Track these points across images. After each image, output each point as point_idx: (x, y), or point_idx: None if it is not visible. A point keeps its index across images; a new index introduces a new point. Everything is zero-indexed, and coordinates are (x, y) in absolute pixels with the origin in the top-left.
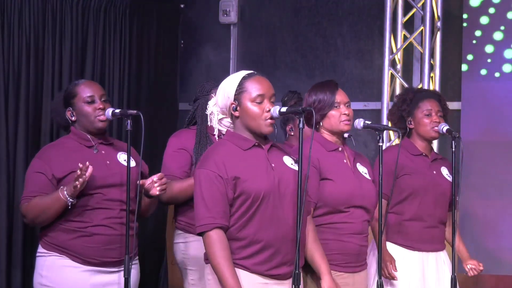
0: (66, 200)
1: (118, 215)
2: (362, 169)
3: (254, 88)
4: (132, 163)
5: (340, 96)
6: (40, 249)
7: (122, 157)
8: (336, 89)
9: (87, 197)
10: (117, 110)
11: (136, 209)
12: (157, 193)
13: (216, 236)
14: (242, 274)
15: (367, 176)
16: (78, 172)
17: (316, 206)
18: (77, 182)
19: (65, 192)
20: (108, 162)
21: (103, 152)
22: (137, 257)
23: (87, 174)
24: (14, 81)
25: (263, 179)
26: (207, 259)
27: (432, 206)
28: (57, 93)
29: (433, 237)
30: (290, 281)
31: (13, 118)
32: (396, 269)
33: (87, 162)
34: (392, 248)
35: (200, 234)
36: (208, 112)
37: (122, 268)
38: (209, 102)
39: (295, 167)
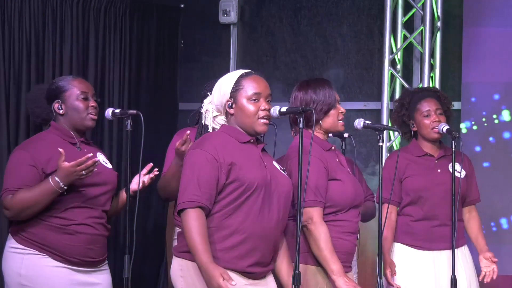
0: (58, 188)
1: (100, 215)
2: (347, 167)
3: (250, 86)
4: (109, 165)
5: (336, 95)
6: (14, 244)
7: (100, 157)
8: (332, 87)
9: (72, 195)
10: (117, 110)
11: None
12: (146, 183)
13: (195, 214)
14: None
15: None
16: (89, 161)
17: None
18: (83, 172)
19: (59, 183)
20: None
21: (85, 150)
22: (106, 261)
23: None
24: (15, 81)
25: (257, 171)
26: (181, 250)
27: (438, 204)
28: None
29: (444, 235)
30: (264, 281)
31: (14, 118)
32: (395, 273)
33: (91, 154)
34: (401, 248)
35: (180, 211)
36: (203, 110)
37: (102, 268)
38: (204, 100)
39: (284, 173)
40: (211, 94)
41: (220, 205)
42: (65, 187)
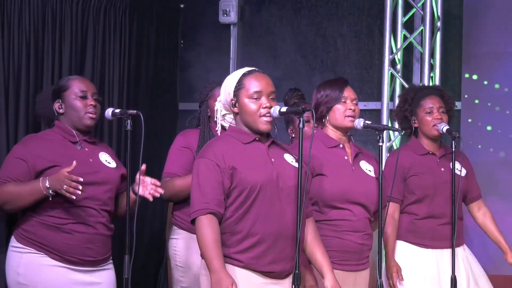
0: (46, 192)
1: (99, 214)
2: (366, 167)
3: (251, 85)
4: (113, 164)
5: (348, 92)
6: (15, 243)
7: (103, 157)
8: (345, 86)
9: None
10: (117, 110)
11: (113, 210)
12: (148, 196)
13: (207, 221)
14: (238, 272)
15: (371, 173)
16: (73, 183)
17: (311, 202)
18: (65, 186)
19: (46, 184)
20: (91, 160)
21: (86, 149)
22: (111, 260)
23: (79, 190)
24: (14, 81)
25: (260, 171)
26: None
27: (444, 203)
28: None
29: (448, 234)
30: (288, 280)
31: (13, 118)
32: (402, 278)
33: (81, 179)
34: (405, 246)
35: (193, 221)
36: (215, 108)
37: (100, 268)
38: (218, 98)
39: (296, 165)
40: (208, 97)
41: (230, 211)
42: (52, 193)
